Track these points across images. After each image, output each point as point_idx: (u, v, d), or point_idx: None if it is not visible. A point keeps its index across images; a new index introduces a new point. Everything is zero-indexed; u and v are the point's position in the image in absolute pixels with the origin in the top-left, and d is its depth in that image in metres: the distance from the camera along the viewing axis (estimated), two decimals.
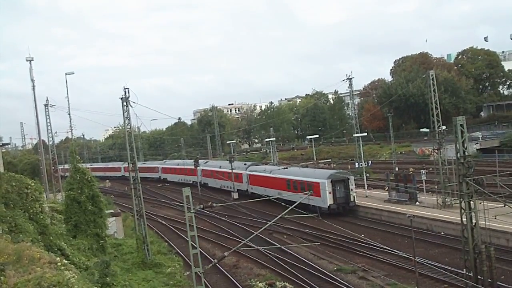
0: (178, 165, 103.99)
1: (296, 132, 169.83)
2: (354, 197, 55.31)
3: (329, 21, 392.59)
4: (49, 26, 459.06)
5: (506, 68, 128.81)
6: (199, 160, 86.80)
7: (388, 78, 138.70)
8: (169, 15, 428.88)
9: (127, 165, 42.58)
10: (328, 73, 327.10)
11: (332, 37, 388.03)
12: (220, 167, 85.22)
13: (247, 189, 73.09)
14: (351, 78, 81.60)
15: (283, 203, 35.03)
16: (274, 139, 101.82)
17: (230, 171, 75.75)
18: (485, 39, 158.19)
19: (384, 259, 37.31)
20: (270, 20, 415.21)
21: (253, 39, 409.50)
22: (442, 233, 42.88)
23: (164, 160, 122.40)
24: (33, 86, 62.92)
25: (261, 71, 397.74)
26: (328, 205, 53.28)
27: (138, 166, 41.30)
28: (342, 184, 55.05)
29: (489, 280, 23.92)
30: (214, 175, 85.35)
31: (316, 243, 38.35)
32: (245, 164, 79.76)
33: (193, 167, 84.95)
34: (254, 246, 39.95)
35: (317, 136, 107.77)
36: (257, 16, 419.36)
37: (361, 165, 64.25)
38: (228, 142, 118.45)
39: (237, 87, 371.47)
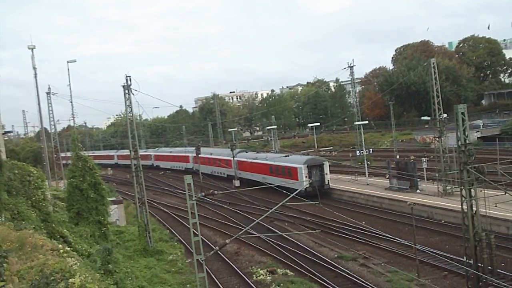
0: (170, 152, 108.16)
1: (298, 120, 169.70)
2: (328, 180, 60.35)
3: (330, 8, 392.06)
4: (51, 14, 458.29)
5: (507, 56, 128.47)
6: (187, 148, 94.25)
7: (390, 66, 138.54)
8: (171, 3, 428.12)
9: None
10: (329, 61, 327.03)
11: (333, 25, 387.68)
12: (211, 154, 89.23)
13: (235, 174, 76.85)
14: (352, 66, 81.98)
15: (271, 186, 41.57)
16: (276, 127, 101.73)
17: (221, 157, 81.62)
18: (488, 27, 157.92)
19: (385, 246, 37.47)
20: (271, 8, 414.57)
21: (254, 27, 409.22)
22: (443, 220, 42.99)
23: (157, 148, 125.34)
24: (35, 74, 62.95)
25: (263, 59, 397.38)
26: (305, 187, 54.39)
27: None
28: (318, 169, 60.10)
29: (489, 267, 24.01)
30: (206, 162, 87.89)
31: (317, 231, 38.47)
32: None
33: (184, 154, 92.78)
34: (255, 233, 40.11)
35: (319, 124, 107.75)
36: (258, 4, 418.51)
37: (362, 153, 64.30)
38: (229, 130, 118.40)
39: (239, 75, 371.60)
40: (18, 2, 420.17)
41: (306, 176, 57.93)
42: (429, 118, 61.21)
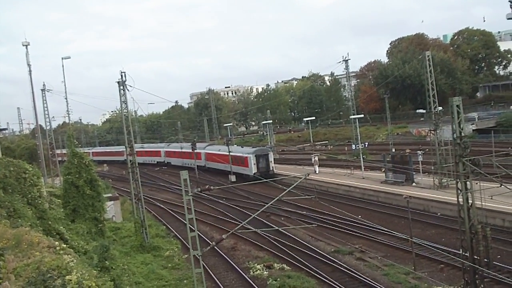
0: (142, 148, 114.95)
1: (293, 114, 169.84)
2: (273, 167, 72.69)
3: (324, 2, 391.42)
4: (45, 10, 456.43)
5: (502, 49, 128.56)
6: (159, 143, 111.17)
7: (385, 59, 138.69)
8: None
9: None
10: (324, 55, 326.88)
11: (328, 18, 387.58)
12: (181, 148, 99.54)
13: (204, 165, 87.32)
14: (347, 60, 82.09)
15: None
16: (271, 121, 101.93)
17: (190, 151, 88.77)
18: (483, 19, 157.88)
19: (381, 240, 37.51)
20: (266, 2, 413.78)
21: (249, 22, 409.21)
22: (439, 213, 43.07)
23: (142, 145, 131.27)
24: (30, 71, 62.62)
25: (257, 53, 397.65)
26: (253, 173, 70.11)
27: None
28: (264, 157, 72.74)
29: (485, 260, 24.04)
30: (177, 155, 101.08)
31: (314, 225, 38.49)
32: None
33: (156, 149, 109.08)
34: (252, 228, 40.09)
35: (314, 118, 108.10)
36: None
37: (358, 146, 64.38)
38: (225, 125, 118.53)
39: (234, 70, 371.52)
40: None
41: (254, 164, 71.51)
42: (424, 111, 61.21)
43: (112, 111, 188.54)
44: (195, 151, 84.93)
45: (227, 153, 77.35)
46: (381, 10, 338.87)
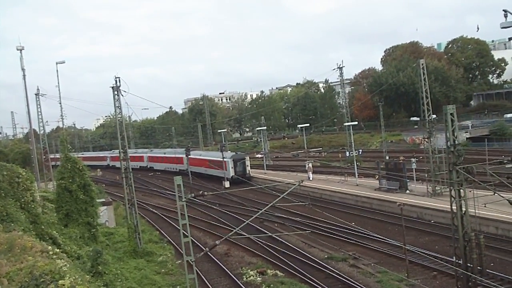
0: None
1: (287, 121, 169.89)
2: (249, 170, 79.88)
3: (317, 10, 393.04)
4: (37, 15, 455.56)
5: (495, 57, 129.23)
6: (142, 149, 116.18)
7: (379, 67, 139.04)
8: (159, 5, 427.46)
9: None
10: (317, 62, 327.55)
11: (321, 26, 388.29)
12: (164, 153, 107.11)
13: (186, 169, 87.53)
14: (341, 67, 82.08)
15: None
16: (265, 128, 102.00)
17: (173, 156, 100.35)
18: (477, 29, 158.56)
19: (374, 247, 37.49)
20: (258, 9, 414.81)
21: (241, 29, 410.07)
22: (432, 221, 43.11)
23: (112, 150, 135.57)
24: (24, 75, 62.65)
25: (251, 60, 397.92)
26: (231, 175, 77.16)
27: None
28: (241, 162, 79.71)
29: (479, 267, 24.10)
30: (159, 160, 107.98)
31: (307, 231, 38.47)
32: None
33: (138, 154, 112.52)
34: (245, 234, 40.05)
35: (308, 125, 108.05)
36: (245, 6, 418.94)
37: (352, 153, 64.45)
38: (219, 131, 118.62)
39: (227, 76, 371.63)
40: (2, 2, 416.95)
41: (232, 167, 78.21)
42: (418, 119, 61.48)
43: (106, 116, 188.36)
44: (175, 155, 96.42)
45: (207, 158, 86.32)
46: (373, 18, 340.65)
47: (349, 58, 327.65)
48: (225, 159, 78.94)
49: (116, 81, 40.15)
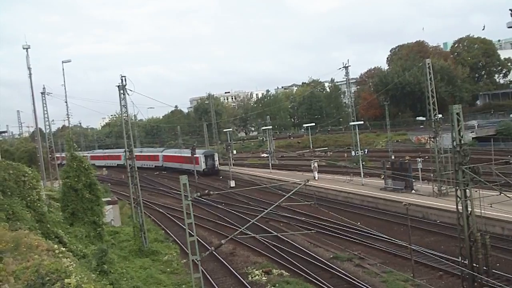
0: (104, 153, 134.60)
1: (293, 120, 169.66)
2: (217, 165, 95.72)
3: (320, 9, 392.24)
4: (41, 13, 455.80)
5: (502, 57, 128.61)
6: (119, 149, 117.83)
7: (383, 66, 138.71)
8: (162, 3, 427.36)
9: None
10: (321, 61, 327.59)
11: (324, 25, 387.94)
12: (141, 151, 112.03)
13: (162, 165, 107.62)
14: (347, 67, 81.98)
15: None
16: (271, 127, 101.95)
17: (150, 154, 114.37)
18: (483, 28, 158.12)
19: (380, 247, 37.47)
20: (261, 8, 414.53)
21: (244, 27, 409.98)
22: (438, 221, 43.03)
23: (93, 150, 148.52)
24: (30, 74, 62.61)
25: (254, 59, 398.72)
26: (203, 169, 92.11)
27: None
28: (211, 157, 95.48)
29: (484, 267, 24.06)
30: (136, 158, 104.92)
31: (313, 231, 38.42)
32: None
33: (117, 153, 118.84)
34: (251, 234, 40.04)
35: (314, 124, 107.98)
36: (248, 5, 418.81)
37: (358, 153, 64.35)
38: (224, 130, 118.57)
39: (233, 75, 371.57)
40: (7, 1, 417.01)
41: (204, 162, 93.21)
42: (424, 118, 61.28)
43: (111, 115, 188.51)
44: (152, 153, 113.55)
45: (181, 155, 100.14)
46: (377, 17, 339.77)
47: (352, 57, 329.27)
48: (198, 155, 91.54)
49: (122, 80, 40.20)
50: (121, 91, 40.54)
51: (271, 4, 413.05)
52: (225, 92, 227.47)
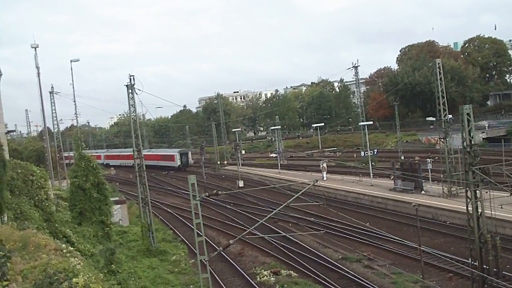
0: (120, 152, 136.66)
1: (302, 120, 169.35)
2: (191, 161, 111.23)
3: (328, 9, 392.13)
4: (50, 12, 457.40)
5: None
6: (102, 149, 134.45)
7: (393, 66, 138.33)
8: (170, 3, 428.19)
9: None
10: (329, 61, 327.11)
11: (331, 25, 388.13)
12: (120, 152, 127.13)
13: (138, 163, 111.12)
14: (357, 66, 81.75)
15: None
16: (280, 127, 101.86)
17: (127, 153, 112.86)
18: (494, 27, 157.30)
19: (389, 248, 37.27)
20: (269, 8, 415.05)
21: (252, 27, 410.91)
22: (448, 222, 42.80)
23: (108, 149, 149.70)
24: (38, 73, 62.84)
25: (263, 59, 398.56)
26: (178, 165, 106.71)
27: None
28: (185, 155, 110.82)
29: (495, 269, 23.83)
30: (115, 157, 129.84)
31: (321, 232, 38.31)
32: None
33: (96, 154, 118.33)
34: (259, 234, 39.95)
35: (323, 124, 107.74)
36: (256, 4, 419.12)
37: (367, 153, 64.15)
38: (233, 130, 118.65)
39: (241, 75, 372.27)
40: (15, 0, 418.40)
41: (179, 159, 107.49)
42: (434, 119, 61.07)
43: (120, 115, 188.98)
44: (129, 153, 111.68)
45: (159, 154, 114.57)
46: (385, 17, 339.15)
47: (361, 57, 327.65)
48: (173, 153, 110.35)
49: (130, 79, 40.17)
50: (130, 90, 40.49)
51: (279, 4, 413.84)
52: (234, 92, 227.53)
